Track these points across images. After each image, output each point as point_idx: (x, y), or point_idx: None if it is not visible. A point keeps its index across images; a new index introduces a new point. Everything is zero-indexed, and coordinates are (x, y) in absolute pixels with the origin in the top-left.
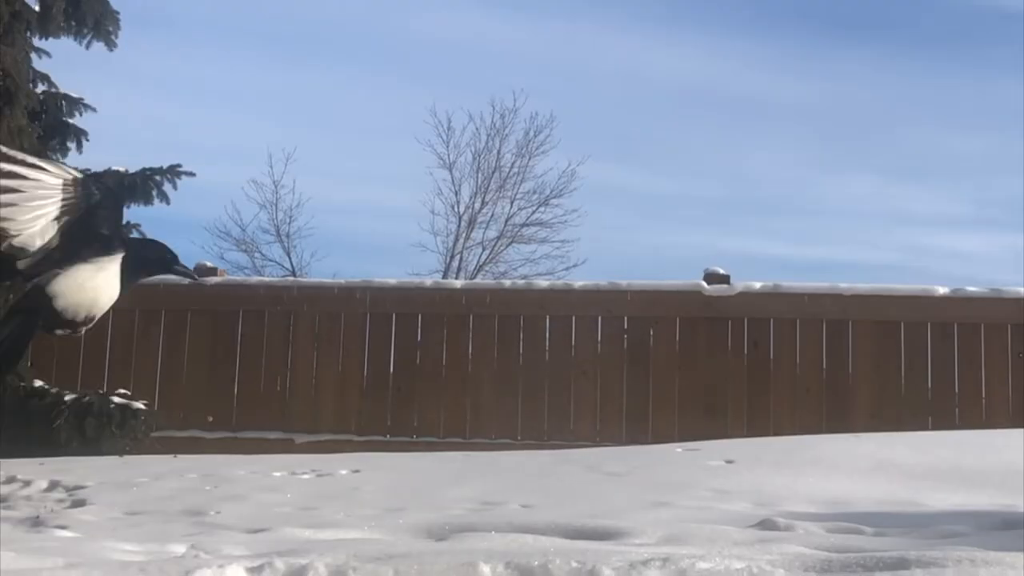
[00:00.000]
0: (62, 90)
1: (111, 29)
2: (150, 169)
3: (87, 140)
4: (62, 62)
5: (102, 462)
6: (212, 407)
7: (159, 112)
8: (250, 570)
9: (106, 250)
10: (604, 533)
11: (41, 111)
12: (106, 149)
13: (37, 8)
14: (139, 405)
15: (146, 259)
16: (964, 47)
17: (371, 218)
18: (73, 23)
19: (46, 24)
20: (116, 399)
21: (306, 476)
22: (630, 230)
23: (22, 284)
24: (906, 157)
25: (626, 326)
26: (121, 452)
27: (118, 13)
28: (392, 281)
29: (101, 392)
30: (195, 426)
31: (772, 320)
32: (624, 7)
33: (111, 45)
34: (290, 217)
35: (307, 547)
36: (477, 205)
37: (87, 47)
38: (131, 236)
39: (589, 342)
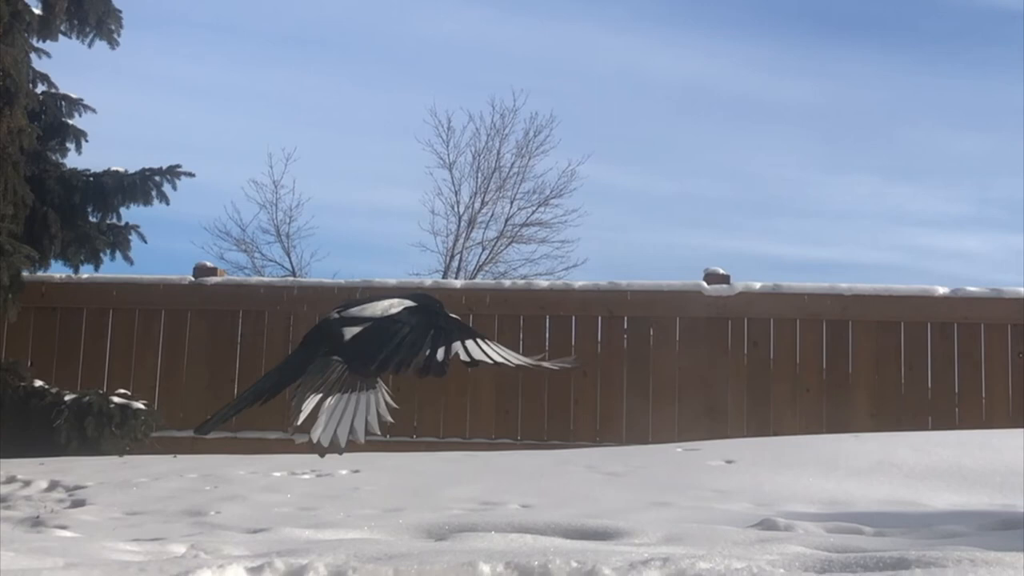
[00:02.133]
0: (62, 90)
1: (113, 27)
2: (150, 170)
3: (86, 141)
4: (62, 62)
5: (102, 462)
6: (212, 407)
7: (159, 112)
8: (250, 570)
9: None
10: (604, 533)
11: (41, 111)
12: (106, 149)
13: (40, 7)
14: (139, 405)
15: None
16: (964, 47)
17: (371, 218)
18: (76, 21)
19: (49, 23)
20: (116, 399)
21: (306, 476)
22: (630, 230)
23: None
24: (906, 157)
25: (626, 326)
26: (121, 452)
27: (120, 12)
28: (392, 281)
29: (101, 392)
30: (195, 426)
31: (772, 320)
32: (624, 7)
33: (113, 44)
34: (290, 217)
35: (307, 547)
36: (477, 205)
37: (90, 45)
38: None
39: (589, 342)
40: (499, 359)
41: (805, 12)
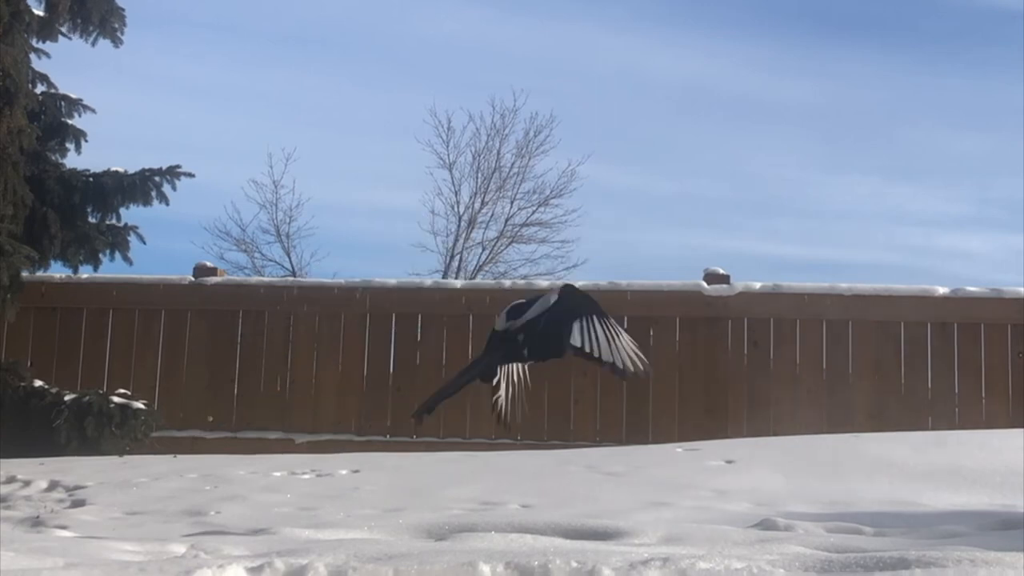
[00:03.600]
0: (61, 90)
1: (117, 26)
2: (149, 170)
3: (86, 141)
4: (62, 62)
5: (102, 462)
6: (212, 407)
7: (159, 112)
8: (250, 570)
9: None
10: (604, 533)
11: (40, 111)
12: (106, 149)
13: (42, 7)
14: (139, 405)
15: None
16: (964, 47)
17: (371, 218)
18: (79, 20)
19: (50, 23)
20: (116, 399)
21: (306, 476)
22: (630, 230)
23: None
24: (906, 157)
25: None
26: (121, 452)
27: (123, 10)
28: (392, 281)
29: (101, 392)
30: (195, 426)
31: (772, 320)
32: (624, 7)
33: (117, 42)
34: (290, 217)
35: (307, 547)
36: (477, 205)
37: (93, 44)
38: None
39: None
40: (606, 355)
41: (805, 12)
